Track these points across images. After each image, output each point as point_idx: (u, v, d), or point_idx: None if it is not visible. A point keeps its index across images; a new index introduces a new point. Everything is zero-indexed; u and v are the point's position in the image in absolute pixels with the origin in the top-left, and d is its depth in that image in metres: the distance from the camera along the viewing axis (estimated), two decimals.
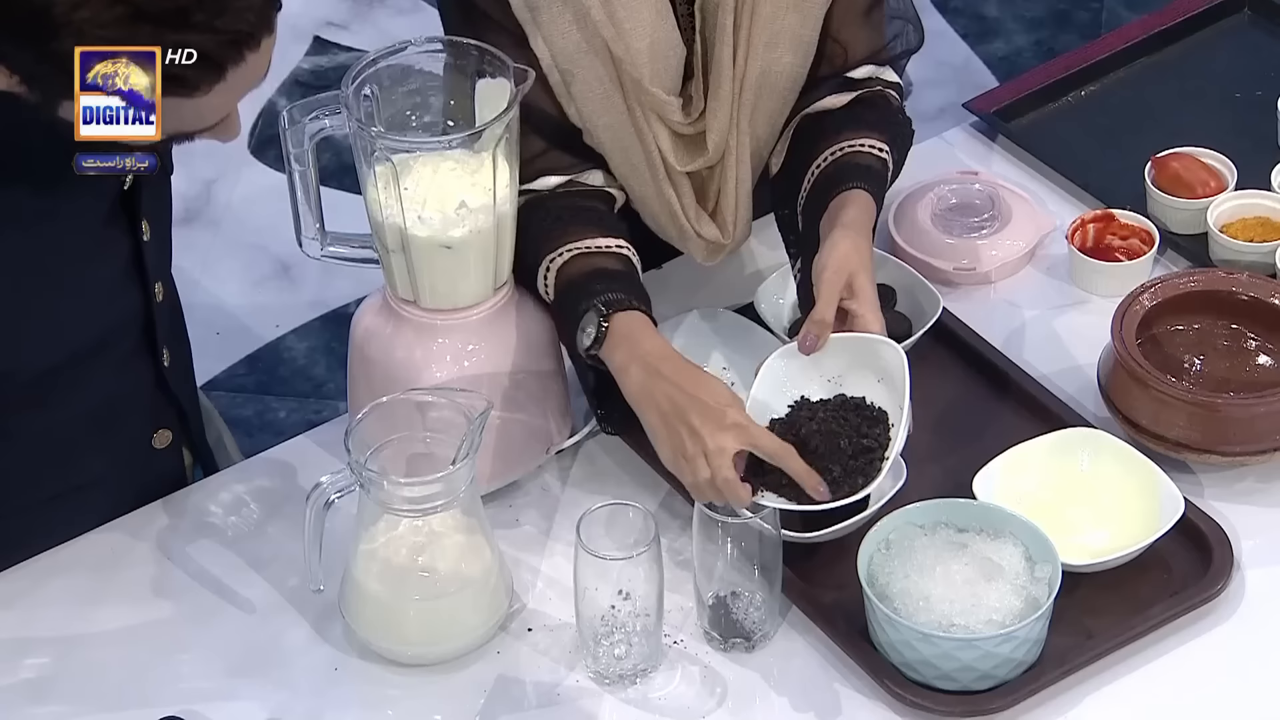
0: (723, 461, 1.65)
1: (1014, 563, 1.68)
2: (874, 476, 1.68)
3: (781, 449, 1.67)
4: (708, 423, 1.66)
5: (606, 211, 1.83)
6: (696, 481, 1.66)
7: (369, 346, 1.81)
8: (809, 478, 1.66)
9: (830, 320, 1.72)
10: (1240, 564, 1.74)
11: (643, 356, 1.70)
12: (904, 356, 1.70)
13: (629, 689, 1.69)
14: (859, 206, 1.77)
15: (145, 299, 1.76)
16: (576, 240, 1.77)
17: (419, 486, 1.66)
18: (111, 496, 1.83)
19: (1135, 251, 1.98)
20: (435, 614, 1.70)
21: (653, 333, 1.73)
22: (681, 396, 1.67)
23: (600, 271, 1.75)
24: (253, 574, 1.79)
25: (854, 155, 1.81)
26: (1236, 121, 2.12)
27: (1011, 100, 2.17)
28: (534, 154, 1.79)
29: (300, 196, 1.76)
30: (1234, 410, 1.78)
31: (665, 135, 1.81)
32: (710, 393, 1.67)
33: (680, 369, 1.69)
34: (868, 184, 1.79)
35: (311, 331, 3.12)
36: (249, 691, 1.70)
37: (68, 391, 1.74)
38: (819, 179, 1.82)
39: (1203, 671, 1.68)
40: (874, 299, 1.74)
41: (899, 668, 1.65)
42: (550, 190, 1.81)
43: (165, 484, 1.86)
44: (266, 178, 3.31)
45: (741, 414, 1.67)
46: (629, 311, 1.72)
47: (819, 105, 1.86)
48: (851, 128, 1.83)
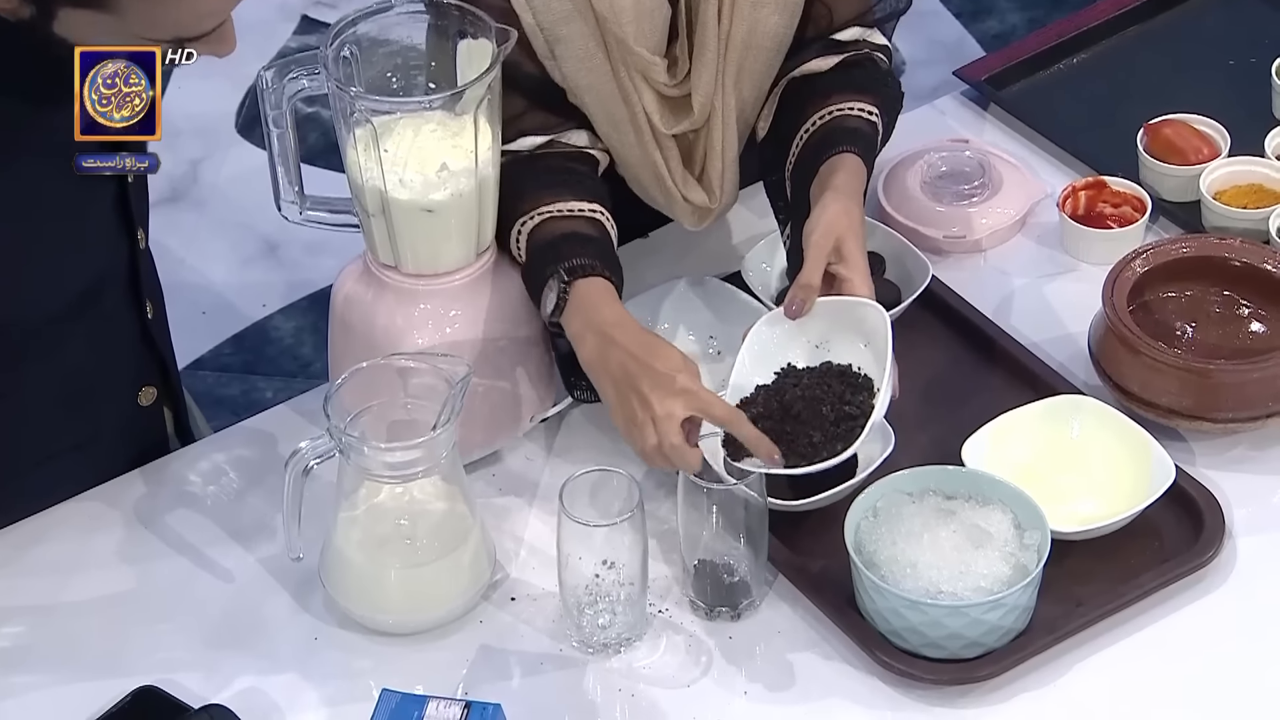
0: (670, 427, 1.63)
1: (1003, 529, 1.66)
2: (854, 442, 1.65)
3: (731, 414, 1.65)
4: (657, 389, 1.64)
5: (586, 174, 1.81)
6: (645, 448, 1.64)
7: (349, 313, 1.79)
8: (760, 444, 1.64)
9: (816, 285, 1.70)
10: (1232, 532, 1.72)
11: (598, 324, 1.68)
12: (887, 318, 1.68)
13: (613, 658, 1.67)
14: (849, 170, 1.75)
15: (131, 244, 1.74)
16: (549, 203, 1.75)
17: (399, 452, 1.64)
18: (98, 460, 1.81)
19: (1127, 219, 1.97)
20: (417, 582, 1.68)
21: (612, 300, 1.71)
22: (633, 363, 1.65)
23: (570, 236, 1.74)
24: (232, 543, 1.77)
25: (843, 119, 1.79)
26: (1230, 88, 2.10)
27: (1002, 68, 2.15)
28: (514, 114, 1.77)
29: (278, 159, 1.74)
30: (1226, 376, 1.76)
31: (650, 97, 1.79)
32: (662, 359, 1.65)
33: (634, 336, 1.67)
34: (858, 147, 1.77)
35: (298, 311, 3.11)
36: (227, 661, 1.68)
37: (58, 347, 1.72)
38: (808, 143, 1.80)
39: (1193, 640, 1.66)
40: (863, 264, 1.71)
41: (886, 636, 1.64)
42: (530, 151, 1.79)
43: (150, 446, 1.84)
44: (253, 157, 3.30)
45: (692, 380, 1.65)
46: (591, 278, 1.70)
47: (805, 68, 1.83)
48: (840, 91, 1.81)
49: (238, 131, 3.36)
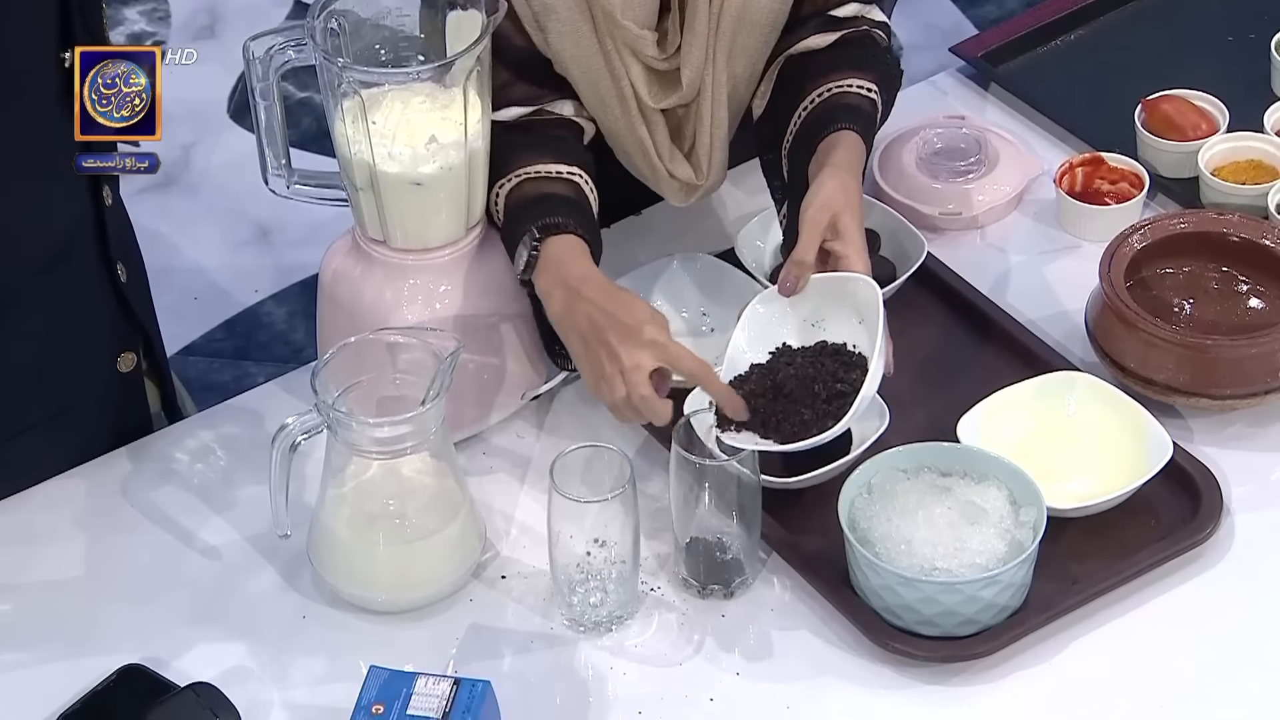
0: (638, 378, 1.61)
1: (998, 506, 1.64)
2: (843, 418, 1.63)
3: (700, 367, 1.63)
4: (625, 341, 1.62)
5: (568, 139, 1.79)
6: (615, 401, 1.63)
7: (337, 288, 1.78)
8: (729, 399, 1.63)
9: (810, 261, 1.68)
10: (1229, 509, 1.71)
11: (565, 279, 1.67)
12: (879, 293, 1.66)
13: (605, 637, 1.66)
14: (848, 147, 1.73)
15: (96, 202, 1.71)
16: (528, 165, 1.74)
17: (388, 427, 1.62)
18: (78, 433, 1.78)
19: (1124, 195, 1.95)
20: (406, 560, 1.67)
21: (581, 256, 1.69)
22: (600, 316, 1.64)
23: (545, 197, 1.72)
24: (219, 521, 1.76)
25: (842, 95, 1.77)
26: (1229, 64, 2.09)
27: (999, 44, 2.14)
28: (500, 85, 1.75)
29: (265, 132, 1.73)
30: (1223, 352, 1.75)
31: (639, 71, 1.77)
32: (629, 311, 1.64)
33: (602, 290, 1.66)
34: (856, 124, 1.75)
35: (290, 296, 3.09)
36: (214, 640, 1.67)
37: (30, 310, 1.69)
38: (806, 121, 1.78)
39: (1190, 618, 1.65)
40: (859, 240, 1.69)
41: (880, 613, 1.62)
42: (515, 120, 1.77)
43: (133, 420, 1.82)
44: (245, 142, 3.27)
45: (659, 331, 1.63)
46: (562, 236, 1.69)
47: (802, 45, 1.81)
48: (839, 68, 1.79)
49: (229, 116, 3.35)
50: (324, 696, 1.62)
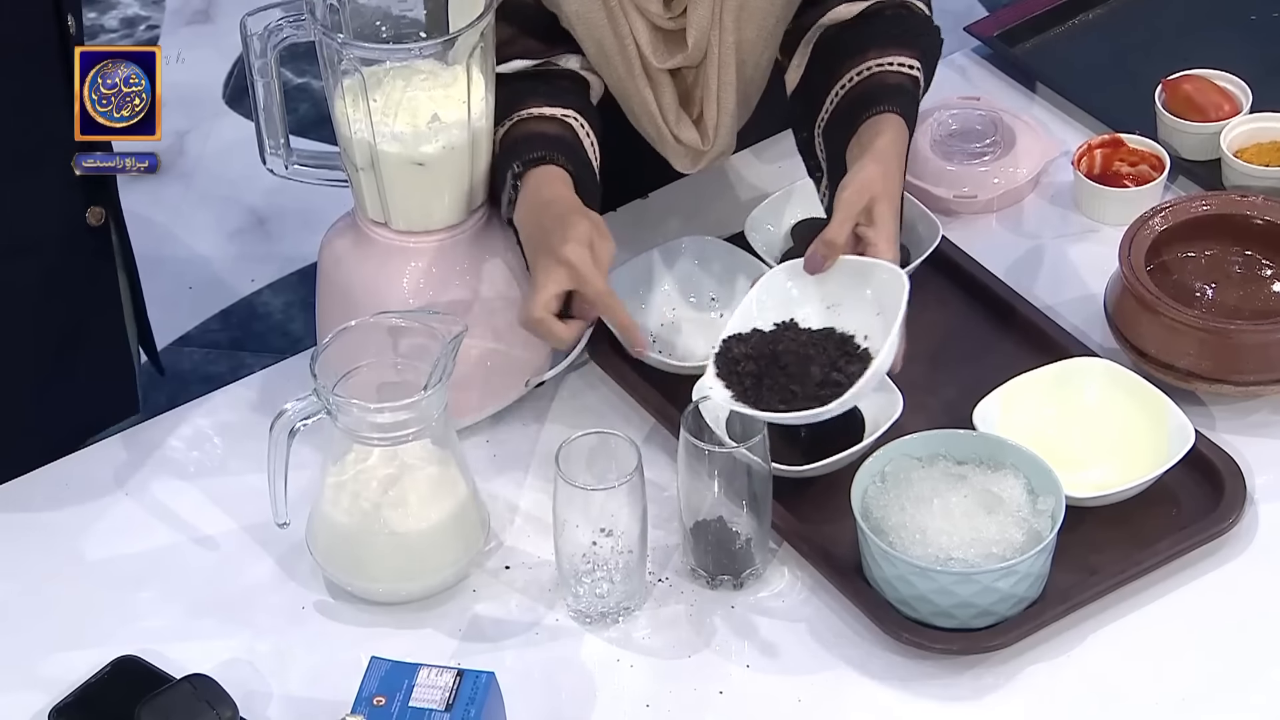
0: (540, 297, 1.59)
1: (1015, 494, 1.61)
2: (829, 404, 1.57)
3: (605, 295, 1.60)
4: (547, 255, 1.60)
5: (568, 88, 1.75)
6: (520, 318, 1.62)
7: (337, 271, 1.75)
8: (629, 331, 1.60)
9: (840, 243, 1.63)
10: (1253, 498, 1.68)
11: (534, 202, 1.64)
12: (905, 286, 1.61)
13: (611, 628, 1.63)
14: (893, 132, 1.68)
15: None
16: (522, 109, 1.71)
17: (388, 413, 1.59)
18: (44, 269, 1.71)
19: (1144, 178, 1.92)
20: (407, 550, 1.64)
21: (558, 183, 1.66)
22: (539, 232, 1.62)
23: (537, 135, 1.69)
24: (216, 510, 1.73)
25: (884, 75, 1.71)
26: (1251, 43, 2.07)
27: (1015, 23, 2.11)
28: (502, 41, 1.71)
29: (262, 111, 1.70)
30: (1247, 337, 1.71)
31: (643, 28, 1.73)
32: (565, 227, 1.61)
33: (555, 214, 1.63)
34: (899, 106, 1.69)
35: (288, 286, 3.07)
36: (211, 631, 1.64)
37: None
38: (844, 100, 1.72)
39: (1212, 609, 1.62)
40: (892, 229, 1.64)
41: (894, 604, 1.59)
42: (516, 72, 1.74)
43: (102, 284, 1.76)
44: (241, 129, 3.26)
45: (578, 251, 1.60)
46: (543, 167, 1.66)
47: (832, 15, 1.75)
48: (879, 45, 1.73)
49: (225, 102, 3.33)
50: (323, 689, 1.59)
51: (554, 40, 1.74)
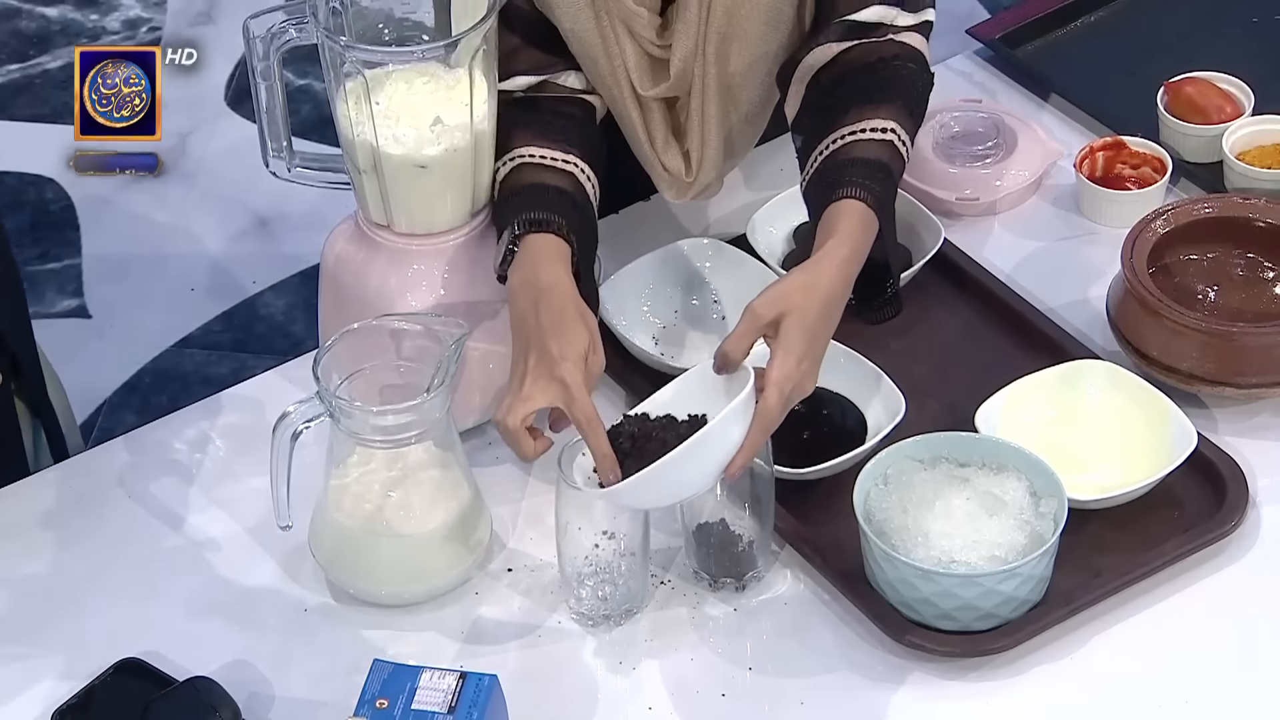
0: (522, 409, 1.56)
1: (1017, 497, 1.61)
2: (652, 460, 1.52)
3: (591, 420, 1.55)
4: (538, 366, 1.57)
5: (575, 119, 1.74)
6: (496, 419, 1.58)
7: (340, 274, 1.75)
8: (607, 461, 1.54)
9: (736, 358, 1.57)
10: (1255, 501, 1.68)
11: (533, 282, 1.61)
12: (751, 381, 1.53)
13: (613, 631, 1.63)
14: (846, 225, 1.61)
15: None
16: (526, 147, 1.69)
17: (391, 415, 1.59)
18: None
19: (1147, 180, 1.92)
20: (410, 553, 1.64)
21: (556, 260, 1.63)
22: (536, 334, 1.59)
23: (534, 187, 1.68)
24: (219, 513, 1.73)
25: (859, 146, 1.65)
26: (1254, 45, 2.06)
27: (1017, 25, 2.11)
28: (507, 51, 1.71)
29: (265, 113, 1.70)
30: (1249, 340, 1.71)
31: (633, 52, 1.72)
32: (563, 341, 1.58)
33: (555, 308, 1.59)
34: (867, 186, 1.63)
35: (290, 287, 3.07)
36: (214, 634, 1.64)
37: None
38: (821, 168, 1.67)
39: (1214, 612, 1.62)
40: (795, 347, 1.55)
41: (897, 607, 1.59)
42: (523, 91, 1.73)
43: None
44: (243, 130, 3.26)
45: (574, 372, 1.56)
46: (543, 235, 1.64)
47: (817, 54, 1.71)
48: (860, 103, 1.67)
49: (227, 104, 3.32)
50: (326, 691, 1.59)
51: (558, 53, 1.74)
